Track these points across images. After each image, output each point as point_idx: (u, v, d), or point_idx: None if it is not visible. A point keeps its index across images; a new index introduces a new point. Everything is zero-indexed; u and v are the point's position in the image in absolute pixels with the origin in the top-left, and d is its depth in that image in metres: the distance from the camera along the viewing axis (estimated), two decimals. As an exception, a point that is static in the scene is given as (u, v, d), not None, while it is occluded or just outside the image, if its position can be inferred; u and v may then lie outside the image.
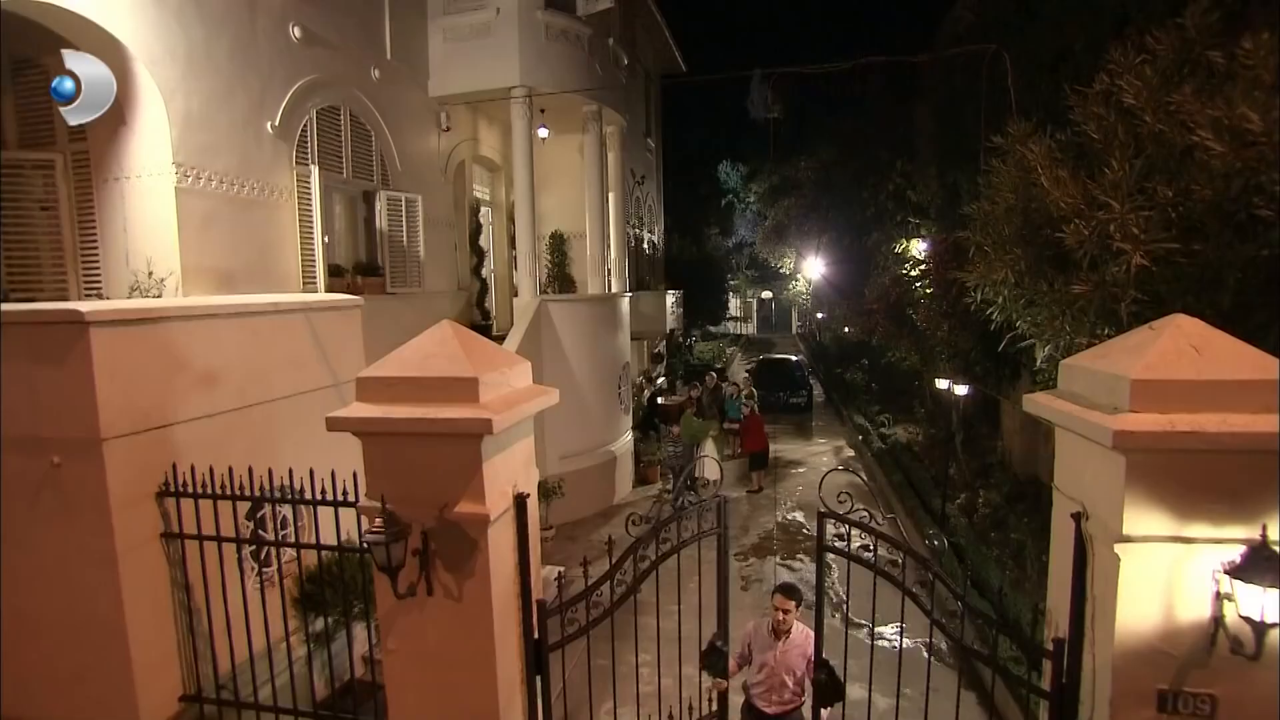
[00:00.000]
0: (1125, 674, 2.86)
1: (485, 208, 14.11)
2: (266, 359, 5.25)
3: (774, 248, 34.00)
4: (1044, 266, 4.31)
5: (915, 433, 14.54)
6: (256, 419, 5.06)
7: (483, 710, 3.45)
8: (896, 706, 4.12)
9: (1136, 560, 2.76)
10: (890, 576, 3.66)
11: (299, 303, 5.70)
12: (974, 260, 4.99)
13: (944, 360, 11.07)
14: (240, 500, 4.13)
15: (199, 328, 4.66)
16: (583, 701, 5.02)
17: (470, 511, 3.28)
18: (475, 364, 3.38)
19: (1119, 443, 2.62)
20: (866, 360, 20.07)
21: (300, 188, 8.17)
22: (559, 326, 11.48)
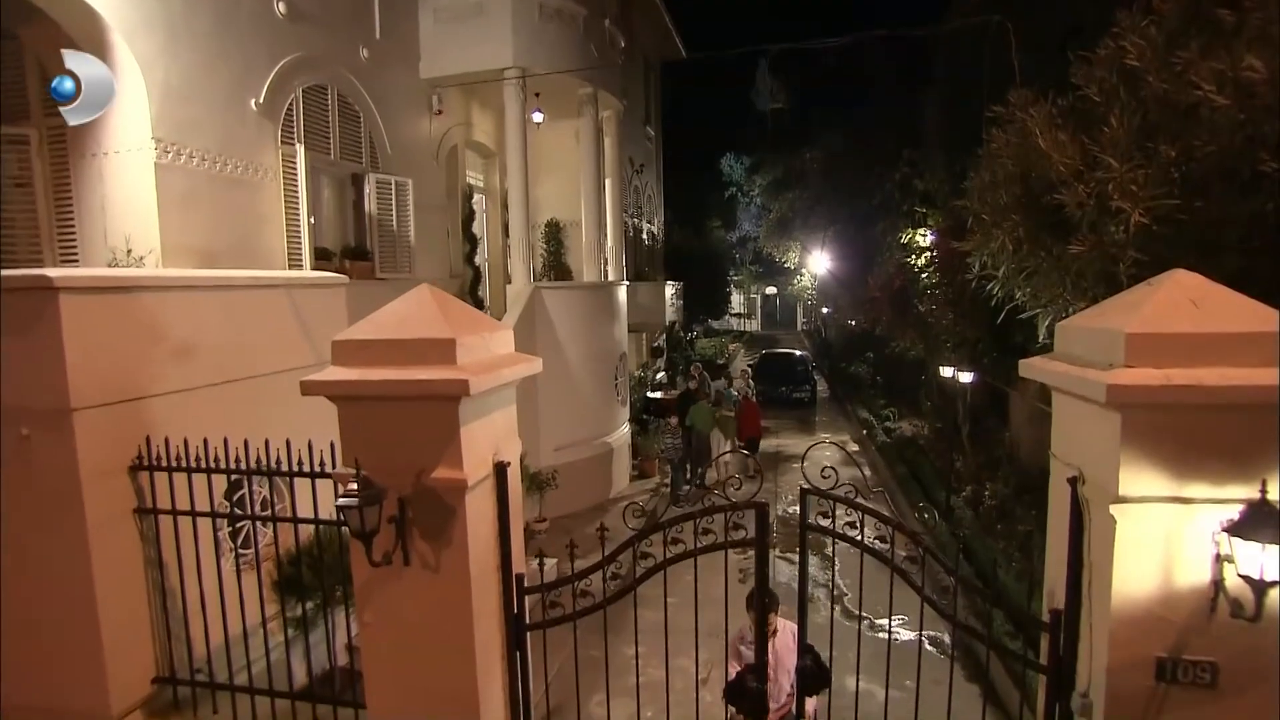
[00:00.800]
0: (1122, 642, 2.83)
1: (479, 195, 14.11)
2: (247, 335, 5.24)
3: (778, 242, 34.05)
4: (1042, 235, 4.29)
5: (921, 426, 14.51)
6: (236, 395, 5.04)
7: (460, 686, 3.43)
8: (885, 696, 4.03)
9: (1133, 522, 2.73)
10: (877, 553, 3.53)
11: (281, 278, 5.70)
12: (972, 230, 4.97)
13: (949, 349, 11.04)
14: (216, 473, 4.10)
15: (175, 299, 4.65)
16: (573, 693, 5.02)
17: (447, 477, 3.26)
18: (453, 327, 3.36)
19: (1113, 398, 2.59)
20: (871, 353, 20.04)
21: (286, 168, 8.16)
22: (553, 314, 11.47)
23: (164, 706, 4.39)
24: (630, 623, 4.11)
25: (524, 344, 10.91)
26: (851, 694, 3.98)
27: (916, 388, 15.37)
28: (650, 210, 21.58)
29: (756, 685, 3.83)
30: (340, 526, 3.64)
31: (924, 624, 3.71)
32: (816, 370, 24.28)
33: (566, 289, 12.18)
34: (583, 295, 12.17)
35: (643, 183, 20.21)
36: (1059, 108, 4.39)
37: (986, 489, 10.28)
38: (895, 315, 12.09)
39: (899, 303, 12.01)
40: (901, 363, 15.45)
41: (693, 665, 4.60)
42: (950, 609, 3.51)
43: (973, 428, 12.21)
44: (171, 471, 4.17)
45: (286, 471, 3.97)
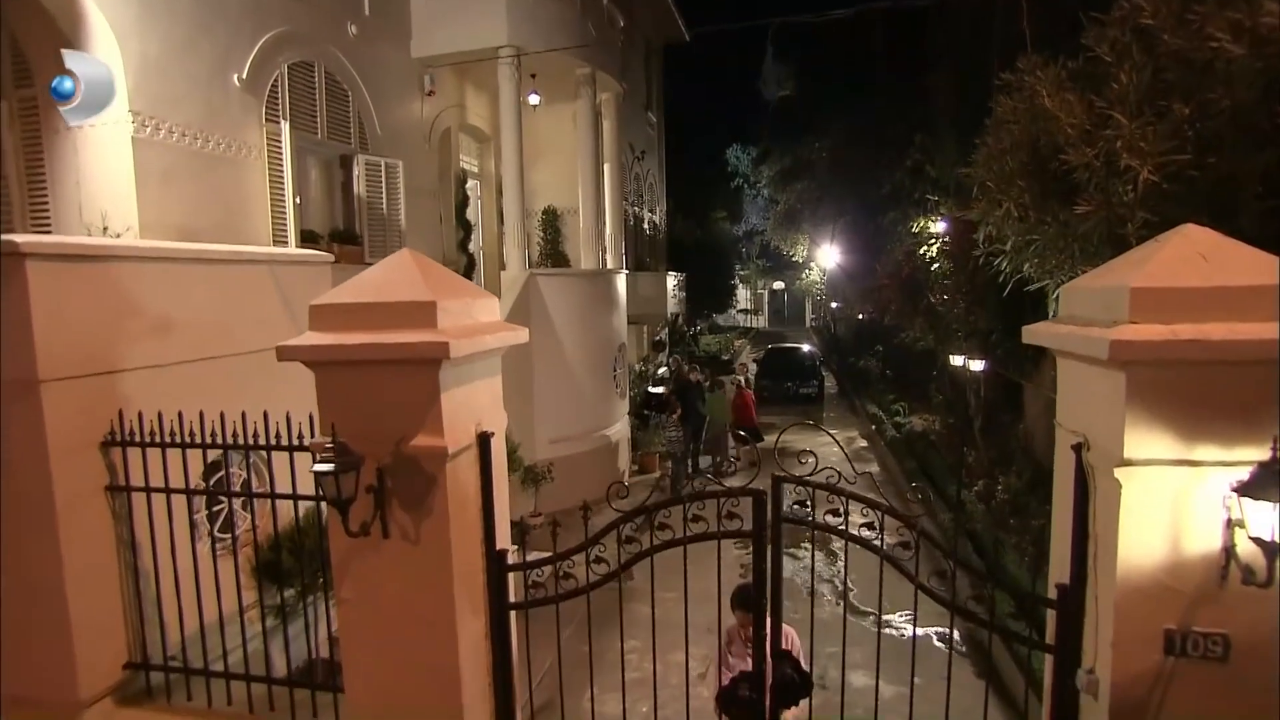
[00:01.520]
0: (1129, 614, 2.81)
1: (473, 181, 14.12)
2: (227, 311, 5.23)
3: (786, 234, 34.02)
4: (1050, 201, 4.27)
5: (931, 421, 14.48)
6: (215, 373, 5.04)
7: (441, 664, 3.42)
8: (876, 691, 3.94)
9: (1139, 487, 2.70)
10: (865, 542, 3.43)
11: (263, 254, 5.69)
12: (977, 198, 4.95)
13: (961, 339, 11.01)
14: (191, 448, 4.09)
15: (151, 271, 4.64)
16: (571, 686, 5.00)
17: (428, 445, 3.25)
18: (435, 290, 3.35)
19: (1116, 354, 2.56)
20: (880, 346, 20.02)
21: (271, 146, 8.17)
22: (549, 302, 11.46)
23: (136, 694, 4.38)
24: (627, 618, 4.07)
25: (518, 332, 10.98)
26: (854, 690, 3.90)
27: (927, 381, 15.33)
28: (652, 199, 21.57)
29: (750, 694, 3.65)
30: (319, 502, 3.64)
31: (929, 619, 3.65)
32: (824, 366, 24.25)
33: (563, 276, 12.17)
34: (580, 283, 12.17)
35: (644, 170, 20.21)
36: (1069, 71, 4.38)
37: (999, 483, 10.25)
38: (904, 303, 12.07)
39: (908, 290, 11.98)
40: (911, 355, 15.42)
41: (689, 660, 4.59)
42: (948, 594, 3.45)
43: (986, 421, 12.18)
44: (145, 447, 4.17)
45: (264, 445, 3.95)
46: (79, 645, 4.15)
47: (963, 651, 7.67)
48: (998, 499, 9.87)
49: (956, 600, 3.42)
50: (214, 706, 4.25)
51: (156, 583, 4.38)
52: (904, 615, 7.97)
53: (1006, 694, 6.96)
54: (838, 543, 10.89)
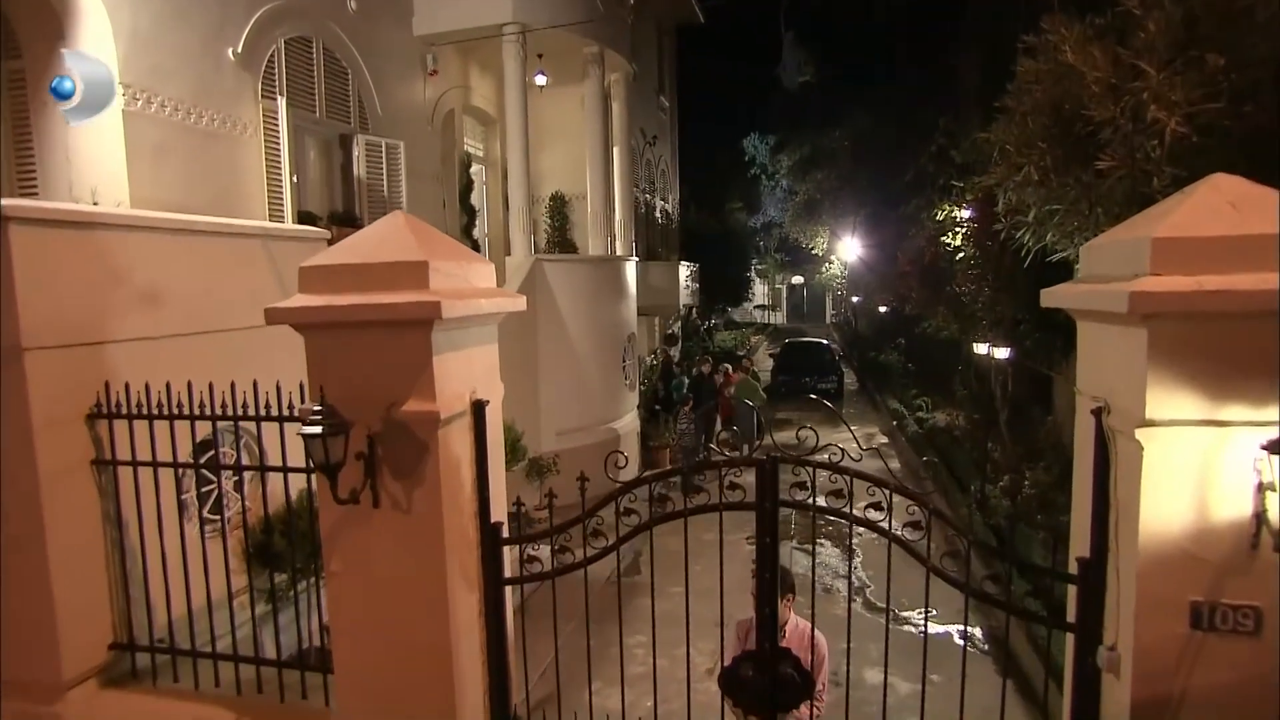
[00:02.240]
0: (1152, 586, 2.77)
1: (478, 165, 14.16)
2: (218, 285, 5.27)
3: (805, 226, 34.00)
4: (1072, 164, 4.23)
5: (955, 416, 14.41)
6: (205, 349, 5.07)
7: (433, 640, 3.43)
8: (884, 686, 3.89)
9: (1162, 450, 2.66)
10: (870, 524, 3.40)
11: (257, 228, 5.74)
12: (996, 164, 4.92)
13: (986, 328, 10.94)
14: (180, 419, 4.11)
15: (140, 240, 4.68)
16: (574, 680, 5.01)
17: (419, 410, 3.26)
18: (427, 251, 3.36)
19: (1136, 308, 2.52)
20: (903, 339, 19.93)
21: (267, 123, 8.21)
22: (556, 289, 11.48)
23: (121, 676, 4.40)
24: (633, 612, 4.05)
25: (523, 319, 11.04)
26: (870, 687, 3.84)
27: (951, 375, 15.23)
28: (664, 187, 21.57)
29: (753, 675, 3.60)
30: (310, 473, 3.65)
31: (951, 616, 3.57)
32: (844, 361, 24.17)
33: (570, 262, 12.19)
34: (588, 269, 12.18)
35: (655, 156, 20.20)
36: (1095, 28, 4.32)
37: (1026, 478, 10.18)
38: (926, 290, 12.00)
39: (930, 277, 11.91)
40: (935, 348, 15.34)
41: (697, 655, 4.57)
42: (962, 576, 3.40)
43: (1012, 415, 12.09)
44: (132, 419, 4.19)
45: (254, 416, 3.97)
46: (62, 625, 4.17)
47: (985, 650, 7.63)
48: (1024, 494, 9.80)
49: (971, 582, 3.38)
50: (201, 689, 4.27)
51: (143, 562, 4.41)
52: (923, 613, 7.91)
53: (1029, 690, 6.90)
54: (854, 539, 10.93)
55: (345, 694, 3.61)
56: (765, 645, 3.45)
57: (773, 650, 3.46)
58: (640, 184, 18.37)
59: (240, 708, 4.09)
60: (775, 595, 3.45)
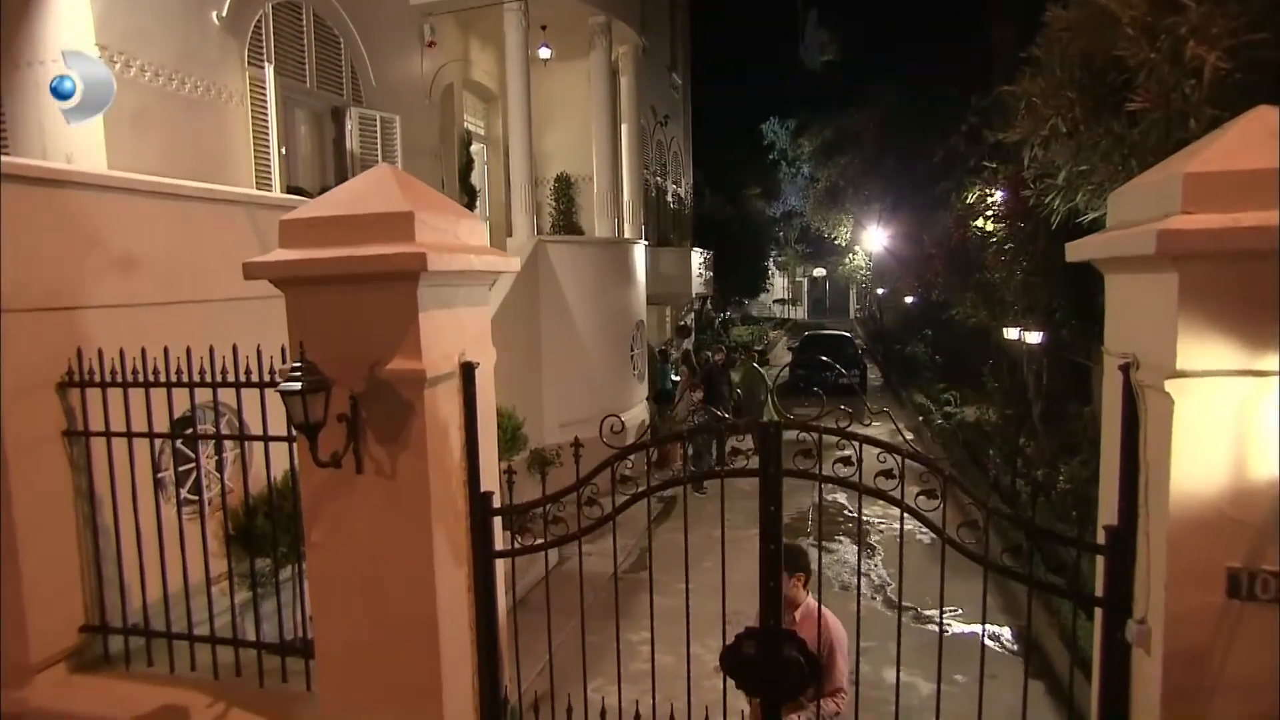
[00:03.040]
0: (1184, 552, 2.72)
1: (479, 144, 14.19)
2: (200, 253, 5.30)
3: (827, 215, 33.83)
4: (1103, 113, 4.18)
5: (985, 410, 14.35)
6: (186, 319, 5.08)
7: (419, 616, 3.42)
8: (896, 685, 3.85)
9: (1194, 403, 2.62)
10: (881, 493, 3.34)
11: (241, 194, 5.77)
12: (1021, 118, 4.88)
13: (1018, 314, 10.88)
14: (156, 387, 4.13)
15: (117, 203, 4.71)
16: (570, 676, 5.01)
17: (404, 368, 3.26)
18: (414, 203, 3.36)
19: (1165, 248, 2.48)
20: (929, 330, 19.85)
21: (254, 92, 8.25)
22: (559, 273, 11.49)
23: (93, 660, 4.44)
24: (640, 608, 4.04)
25: (525, 305, 11.07)
26: (889, 687, 3.80)
27: (980, 367, 15.16)
28: (676, 170, 21.56)
29: (755, 653, 3.53)
30: (293, 442, 3.66)
31: (977, 616, 3.50)
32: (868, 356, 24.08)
33: (575, 244, 12.20)
34: (594, 252, 12.18)
35: (667, 137, 20.20)
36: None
37: (1061, 473, 10.12)
38: (953, 275, 11.94)
39: (958, 261, 11.85)
40: (962, 338, 15.26)
41: (706, 652, 4.55)
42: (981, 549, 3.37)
43: (1048, 409, 12.02)
44: (105, 387, 4.22)
45: (233, 382, 3.99)
46: (30, 605, 4.19)
47: (1014, 650, 7.58)
48: (1059, 489, 9.74)
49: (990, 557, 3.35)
50: (177, 673, 4.30)
51: (117, 540, 4.43)
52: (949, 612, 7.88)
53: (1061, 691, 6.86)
54: (874, 536, 10.89)
55: (326, 672, 3.62)
56: (769, 623, 3.42)
57: (776, 629, 3.43)
58: (650, 165, 18.37)
59: (217, 692, 4.12)
60: (779, 568, 3.43)
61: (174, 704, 4.06)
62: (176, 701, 4.09)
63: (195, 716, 3.99)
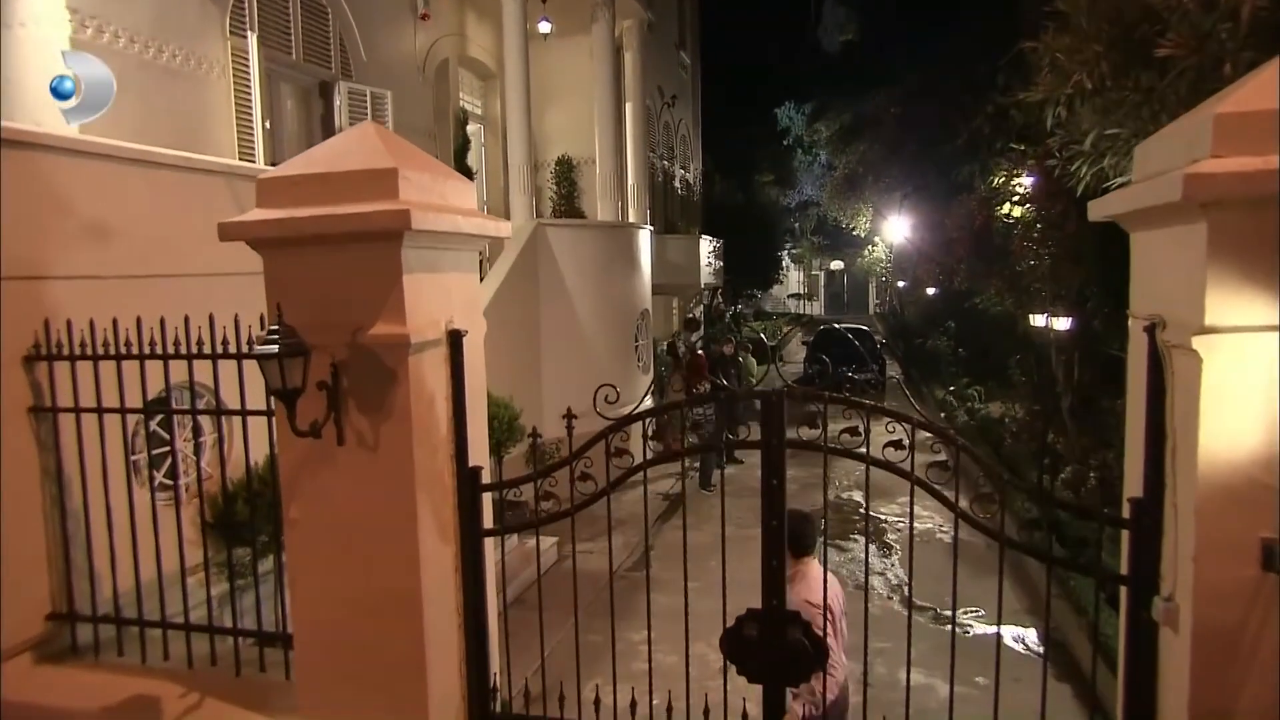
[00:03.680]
0: (1214, 523, 2.70)
1: (476, 124, 14.20)
2: (178, 225, 5.32)
3: (845, 204, 33.78)
4: (1131, 66, 4.16)
5: (1012, 406, 14.30)
6: (160, 294, 5.05)
7: (403, 597, 3.42)
8: (906, 683, 3.84)
9: (1224, 362, 2.60)
10: (889, 465, 3.33)
11: (221, 165, 5.78)
12: (1044, 76, 4.86)
13: (1046, 301, 10.85)
14: (128, 359, 4.14)
15: (87, 168, 4.74)
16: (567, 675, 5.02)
17: (387, 333, 3.26)
18: (398, 160, 3.37)
19: (1191, 192, 2.46)
20: (953, 322, 19.81)
21: (236, 63, 8.27)
22: (560, 258, 11.50)
23: (60, 650, 4.44)
24: (640, 606, 4.05)
25: (523, 291, 11.08)
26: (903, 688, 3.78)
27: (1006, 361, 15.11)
28: (685, 154, 21.57)
29: (758, 636, 3.49)
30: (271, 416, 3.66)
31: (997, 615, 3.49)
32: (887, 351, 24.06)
33: (576, 227, 12.21)
34: (596, 236, 12.19)
35: (675, 119, 20.21)
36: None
37: (1092, 469, 10.08)
38: (977, 259, 11.90)
39: (983, 246, 11.82)
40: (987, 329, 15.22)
41: (710, 651, 4.53)
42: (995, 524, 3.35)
43: (1079, 404, 11.96)
44: (75, 360, 4.23)
45: (210, 354, 3.99)
46: (-8, 592, 4.20)
47: (1039, 653, 7.56)
48: (1089, 485, 9.71)
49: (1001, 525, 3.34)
50: (149, 664, 4.29)
51: (87, 525, 4.43)
52: (970, 613, 7.89)
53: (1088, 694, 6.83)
54: (891, 534, 10.89)
55: (304, 658, 3.63)
56: (772, 603, 3.41)
57: (779, 610, 3.42)
58: (657, 148, 18.39)
59: (191, 682, 4.11)
60: (783, 545, 3.42)
61: (145, 694, 4.06)
62: (148, 692, 4.08)
63: (168, 707, 3.98)
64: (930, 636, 7.15)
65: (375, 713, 3.51)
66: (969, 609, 7.85)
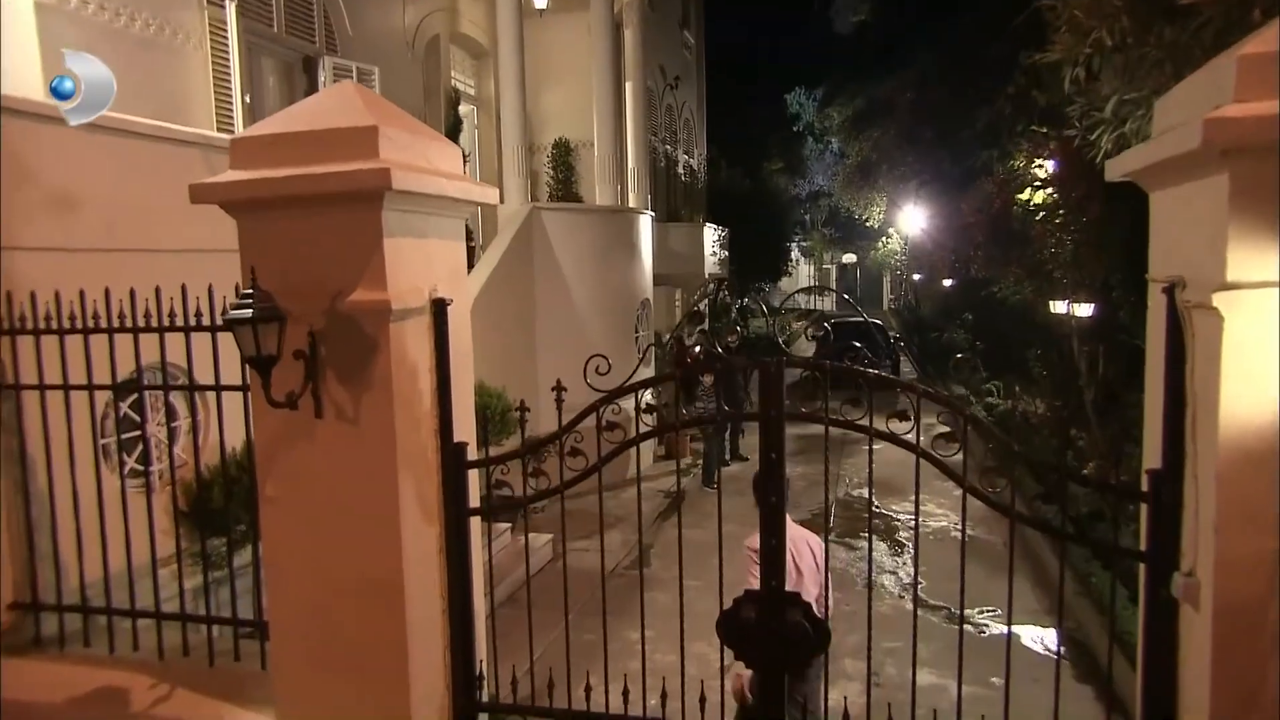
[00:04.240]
0: (1236, 493, 2.70)
1: (469, 105, 14.22)
2: (149, 198, 5.34)
3: (858, 194, 33.75)
4: (1154, 20, 4.16)
5: (1032, 401, 14.28)
6: (132, 270, 5.05)
7: (383, 579, 3.42)
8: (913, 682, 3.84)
9: (1246, 318, 2.59)
10: (893, 437, 3.35)
11: (196, 135, 5.78)
12: (1061, 34, 4.86)
13: (1068, 288, 10.83)
14: (96, 333, 4.14)
15: (51, 135, 4.73)
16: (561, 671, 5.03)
17: (368, 299, 3.26)
18: (378, 118, 3.37)
19: (1212, 137, 2.44)
20: (969, 315, 19.79)
21: (214, 34, 8.28)
22: (556, 244, 11.51)
23: (24, 642, 4.44)
24: (636, 605, 4.07)
25: (518, 279, 11.10)
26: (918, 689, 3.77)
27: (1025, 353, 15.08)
28: (689, 139, 21.59)
29: (756, 619, 3.47)
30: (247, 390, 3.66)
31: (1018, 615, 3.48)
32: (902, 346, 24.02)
33: (573, 212, 12.23)
34: (593, 221, 12.20)
35: (678, 102, 20.22)
36: None
37: (1116, 466, 10.06)
38: (994, 245, 11.88)
39: (1000, 231, 11.80)
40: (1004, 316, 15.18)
41: (712, 651, 4.52)
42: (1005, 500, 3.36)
43: (1103, 398, 11.93)
44: (39, 334, 4.23)
45: (183, 326, 3.99)
46: (-48, 578, 4.22)
47: (1060, 653, 7.56)
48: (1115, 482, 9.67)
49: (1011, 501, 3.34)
50: (118, 655, 4.30)
51: (53, 509, 4.43)
52: (987, 612, 7.90)
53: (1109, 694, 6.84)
54: (904, 533, 10.88)
55: (280, 644, 3.63)
56: (771, 584, 3.41)
57: (779, 591, 3.42)
58: (659, 132, 18.40)
59: (162, 673, 4.11)
60: (782, 523, 3.42)
61: (113, 686, 4.06)
62: (116, 684, 4.08)
63: (136, 699, 3.98)
64: (944, 636, 7.14)
65: (354, 702, 3.51)
66: (985, 608, 7.86)
